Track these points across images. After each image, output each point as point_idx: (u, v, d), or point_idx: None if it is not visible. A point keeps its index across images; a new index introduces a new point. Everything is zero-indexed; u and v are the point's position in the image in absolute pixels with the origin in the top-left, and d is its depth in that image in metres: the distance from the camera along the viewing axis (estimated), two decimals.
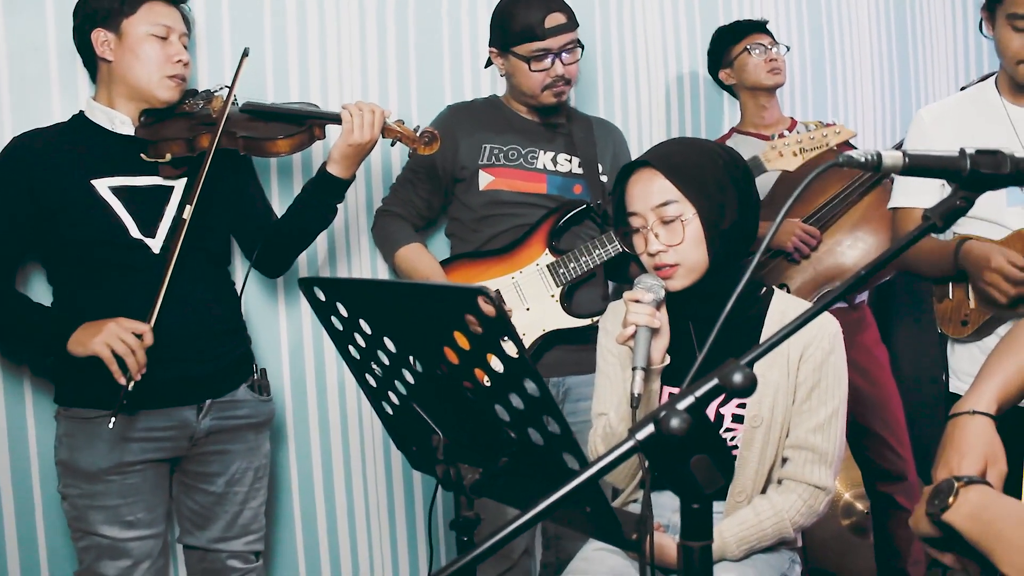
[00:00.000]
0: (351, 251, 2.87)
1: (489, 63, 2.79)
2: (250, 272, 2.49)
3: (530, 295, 2.62)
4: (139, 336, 2.06)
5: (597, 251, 2.59)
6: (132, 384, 2.05)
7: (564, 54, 2.61)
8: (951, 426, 1.44)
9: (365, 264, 2.88)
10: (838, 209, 2.98)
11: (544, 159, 2.72)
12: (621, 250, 2.55)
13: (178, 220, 2.22)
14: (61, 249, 2.23)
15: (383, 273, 2.89)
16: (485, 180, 2.69)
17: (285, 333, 2.76)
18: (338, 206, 2.43)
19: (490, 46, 2.71)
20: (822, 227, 2.97)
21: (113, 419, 2.02)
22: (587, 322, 2.61)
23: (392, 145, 2.59)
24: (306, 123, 2.33)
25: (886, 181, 2.92)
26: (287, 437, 2.78)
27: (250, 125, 2.32)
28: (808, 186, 2.97)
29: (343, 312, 1.56)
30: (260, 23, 2.72)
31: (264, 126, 2.32)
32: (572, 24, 2.62)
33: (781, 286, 2.97)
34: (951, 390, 2.38)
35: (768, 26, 3.20)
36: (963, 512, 1.22)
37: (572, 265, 2.61)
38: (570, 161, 2.74)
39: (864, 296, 3.28)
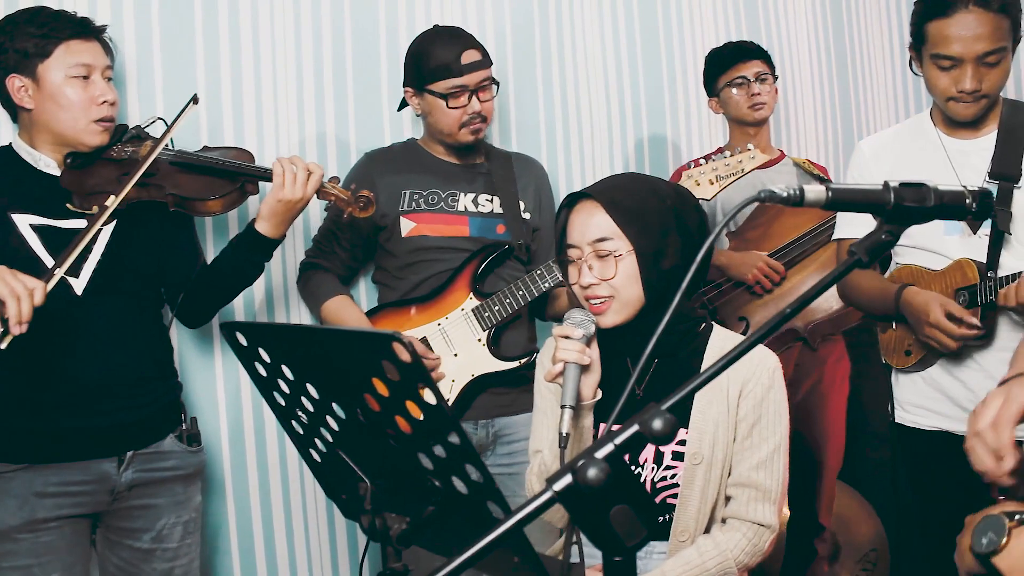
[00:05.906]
0: (289, 295, 2.80)
1: (403, 105, 2.76)
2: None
3: (457, 341, 2.60)
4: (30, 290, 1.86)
5: (520, 292, 2.57)
6: (8, 339, 1.85)
7: (480, 91, 2.60)
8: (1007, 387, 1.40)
9: (304, 310, 2.82)
10: (807, 247, 2.95)
11: (465, 201, 2.70)
12: (543, 289, 2.55)
13: (106, 262, 2.14)
14: None
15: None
16: (407, 227, 2.65)
17: (222, 380, 2.68)
18: (265, 263, 2.35)
19: (405, 86, 2.69)
20: (788, 263, 2.94)
21: None
22: (514, 364, 2.61)
23: (326, 209, 2.51)
24: (239, 180, 2.27)
25: None
26: (224, 488, 2.68)
27: (179, 180, 2.23)
28: (735, 218, 2.95)
29: (265, 358, 1.51)
30: (192, 56, 2.66)
31: (194, 182, 2.24)
32: (487, 61, 2.62)
33: (741, 319, 2.94)
34: (896, 420, 2.37)
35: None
36: (1016, 556, 1.14)
37: (497, 308, 2.59)
38: (491, 201, 2.72)
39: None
